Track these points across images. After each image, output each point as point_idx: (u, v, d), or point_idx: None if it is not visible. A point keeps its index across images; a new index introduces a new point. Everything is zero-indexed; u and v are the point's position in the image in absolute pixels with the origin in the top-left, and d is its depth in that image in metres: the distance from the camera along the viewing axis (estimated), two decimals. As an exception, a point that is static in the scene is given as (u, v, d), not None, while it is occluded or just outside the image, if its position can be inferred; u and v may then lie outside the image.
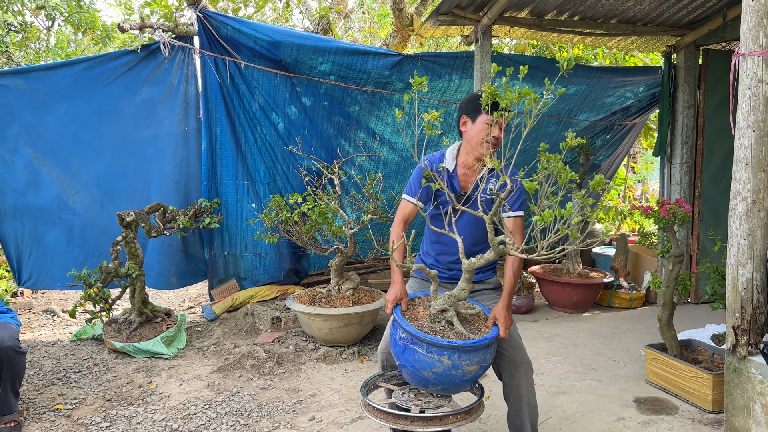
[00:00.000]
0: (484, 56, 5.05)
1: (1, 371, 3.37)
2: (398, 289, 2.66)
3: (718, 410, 3.42)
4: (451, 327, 2.46)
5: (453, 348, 2.31)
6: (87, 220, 5.40)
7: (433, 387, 2.44)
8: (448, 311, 2.47)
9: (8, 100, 5.05)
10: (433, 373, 2.34)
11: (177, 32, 5.20)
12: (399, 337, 2.45)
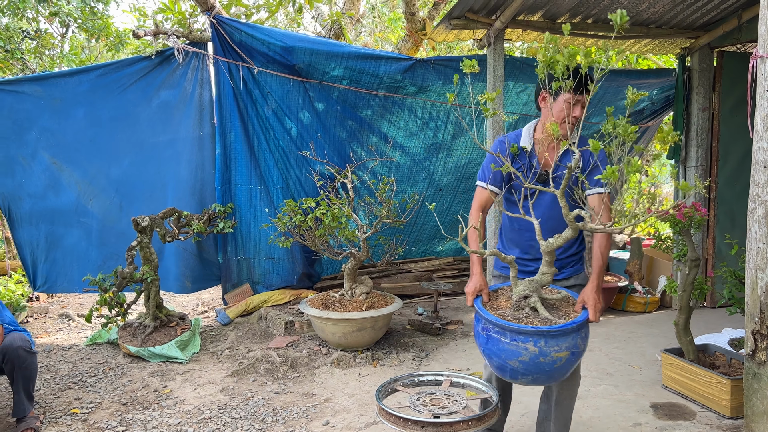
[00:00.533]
0: (496, 60, 5.04)
1: (13, 373, 3.41)
2: (477, 280, 2.51)
3: (737, 416, 3.38)
4: (536, 313, 2.35)
5: (538, 334, 2.20)
6: (106, 223, 5.47)
7: (522, 378, 2.34)
8: (531, 297, 2.36)
9: (26, 107, 5.12)
10: (520, 363, 2.25)
11: (191, 38, 5.23)
12: (482, 328, 2.38)
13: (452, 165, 6.28)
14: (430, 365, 4.48)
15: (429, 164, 6.19)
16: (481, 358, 4.54)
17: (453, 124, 5.98)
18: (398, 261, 6.70)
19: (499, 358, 2.31)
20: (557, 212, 2.48)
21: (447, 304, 6.31)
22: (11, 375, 3.42)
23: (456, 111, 5.87)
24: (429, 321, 5.28)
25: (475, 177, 6.46)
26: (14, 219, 5.42)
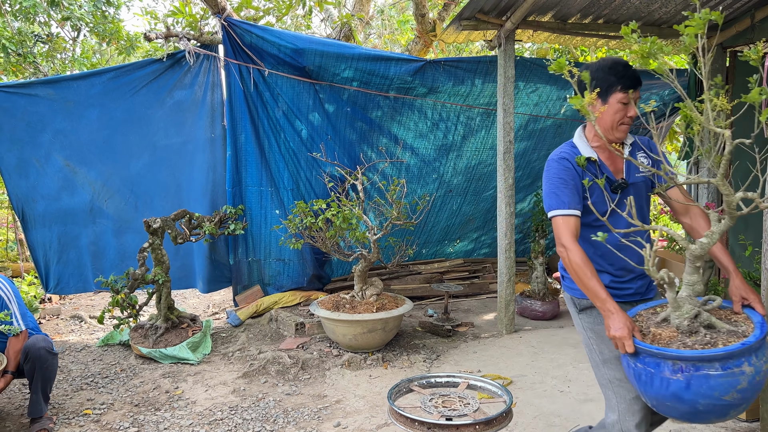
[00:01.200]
0: (507, 61, 5.02)
1: (33, 373, 3.43)
2: (624, 318, 2.05)
3: (753, 419, 3.34)
4: (714, 331, 1.99)
5: (750, 349, 1.85)
6: (122, 223, 5.54)
7: (734, 411, 1.93)
8: (701, 314, 2.00)
9: (39, 109, 5.17)
10: (738, 392, 1.85)
11: (202, 41, 5.26)
12: (671, 371, 1.90)
13: (463, 166, 6.27)
14: (440, 367, 4.47)
15: (439, 165, 6.18)
16: (493, 359, 4.52)
17: (463, 125, 5.97)
18: (408, 263, 6.69)
19: (710, 398, 1.86)
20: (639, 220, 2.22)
21: (457, 305, 6.30)
22: (31, 375, 3.45)
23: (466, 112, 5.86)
24: (439, 323, 5.27)
25: (485, 178, 6.49)
26: (28, 221, 5.47)
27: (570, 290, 2.41)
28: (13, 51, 7.97)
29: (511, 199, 5.12)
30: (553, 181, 2.29)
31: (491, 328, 5.40)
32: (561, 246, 2.22)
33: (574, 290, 2.37)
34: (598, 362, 2.33)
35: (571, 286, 2.38)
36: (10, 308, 3.47)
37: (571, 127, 6.39)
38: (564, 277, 2.48)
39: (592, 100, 2.09)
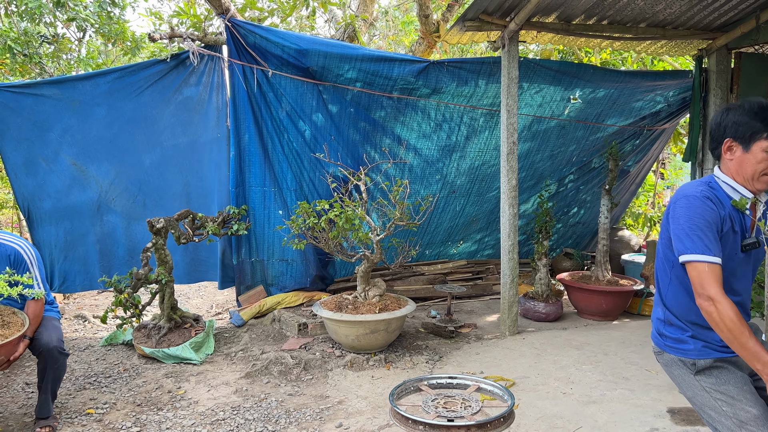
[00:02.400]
0: (511, 62, 5.02)
1: (45, 373, 3.44)
2: None
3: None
4: None
5: None
6: (131, 220, 5.59)
7: None
8: None
9: (45, 109, 5.20)
10: None
11: (206, 41, 5.27)
12: None
13: (466, 167, 6.26)
14: (443, 368, 4.46)
15: (442, 166, 6.18)
16: (496, 360, 4.51)
17: (467, 125, 5.96)
18: (411, 264, 6.68)
19: None
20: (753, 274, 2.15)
21: (460, 307, 6.29)
22: (42, 374, 3.46)
23: (469, 113, 5.85)
24: (442, 324, 5.26)
25: (489, 179, 6.48)
26: (33, 219, 5.49)
27: (679, 351, 2.16)
28: (19, 51, 8.00)
29: (514, 201, 5.12)
30: (697, 221, 2.01)
31: (494, 330, 5.39)
32: (707, 299, 1.95)
33: (687, 351, 2.14)
34: (732, 426, 2.05)
35: (681, 347, 2.16)
36: (32, 272, 3.47)
37: (575, 129, 6.38)
38: (664, 340, 2.22)
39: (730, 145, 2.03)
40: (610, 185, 5.94)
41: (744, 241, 2.05)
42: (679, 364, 2.17)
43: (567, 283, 5.90)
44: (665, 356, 2.23)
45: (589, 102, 6.11)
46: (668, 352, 2.20)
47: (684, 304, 2.13)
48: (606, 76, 5.89)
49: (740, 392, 2.05)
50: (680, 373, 2.19)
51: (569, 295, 6.02)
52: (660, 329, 2.24)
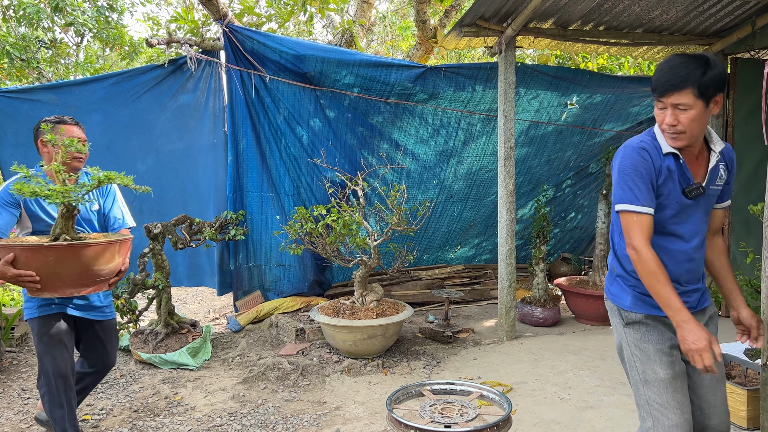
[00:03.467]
0: (508, 67, 5.03)
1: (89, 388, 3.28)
2: (702, 329, 1.95)
3: (753, 427, 3.33)
4: None
5: None
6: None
7: None
8: None
9: (42, 114, 5.17)
10: None
11: (203, 47, 5.28)
12: None
13: (463, 172, 6.27)
14: (441, 374, 4.45)
15: (440, 171, 6.19)
16: (494, 366, 4.51)
17: (464, 131, 5.97)
18: (409, 268, 6.68)
19: None
20: (703, 229, 2.20)
21: (458, 312, 6.29)
22: (87, 389, 3.26)
23: (467, 118, 5.87)
24: (440, 329, 5.26)
25: (486, 184, 6.49)
26: (30, 225, 5.48)
27: (617, 300, 2.26)
28: (17, 56, 8.01)
29: (511, 205, 5.12)
30: (628, 172, 2.08)
31: (492, 335, 5.39)
32: (631, 248, 2.06)
33: (623, 300, 2.23)
34: (638, 382, 2.21)
35: (619, 295, 2.25)
36: (122, 208, 3.45)
37: (572, 134, 6.39)
38: (611, 287, 2.32)
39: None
40: (607, 190, 5.95)
41: (687, 188, 2.10)
42: (616, 313, 2.28)
43: (564, 288, 5.90)
44: (608, 304, 2.34)
45: (586, 107, 6.12)
46: (610, 300, 2.31)
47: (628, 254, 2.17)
48: (603, 81, 5.91)
49: (657, 353, 2.14)
50: (615, 323, 2.31)
51: (567, 300, 6.03)
52: (609, 279, 2.35)
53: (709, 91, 2.01)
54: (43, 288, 2.48)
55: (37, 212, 2.91)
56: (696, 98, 2.00)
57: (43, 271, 2.43)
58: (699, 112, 2.02)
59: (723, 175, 2.17)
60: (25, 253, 2.41)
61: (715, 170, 2.16)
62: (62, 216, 2.57)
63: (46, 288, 2.48)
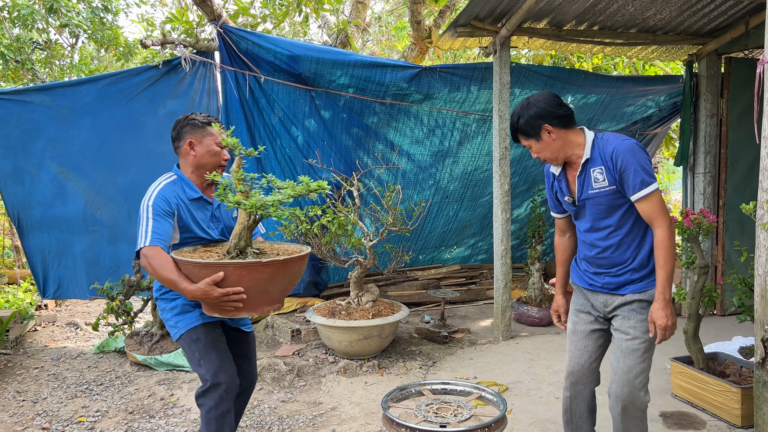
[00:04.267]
0: (502, 67, 5.04)
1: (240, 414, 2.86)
2: (557, 302, 2.85)
3: (748, 425, 3.34)
4: None
5: None
6: (116, 231, 5.50)
7: None
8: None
9: (34, 116, 5.16)
10: None
11: (198, 47, 5.26)
12: None
13: (459, 172, 6.28)
14: (437, 374, 4.45)
15: (435, 171, 6.19)
16: (489, 365, 4.51)
17: (459, 131, 5.98)
18: (405, 269, 6.68)
19: None
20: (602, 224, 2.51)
21: (454, 312, 6.29)
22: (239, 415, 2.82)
23: (462, 118, 5.87)
24: (436, 329, 5.26)
25: (481, 184, 6.51)
26: (24, 227, 5.45)
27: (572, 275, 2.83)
28: (11, 58, 7.98)
29: (507, 205, 5.13)
30: (546, 188, 2.77)
31: (488, 335, 5.40)
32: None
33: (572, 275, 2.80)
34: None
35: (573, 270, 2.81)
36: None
37: (567, 134, 6.40)
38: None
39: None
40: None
41: (565, 198, 2.61)
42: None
43: (560, 287, 5.90)
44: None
45: (581, 107, 6.13)
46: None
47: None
48: (597, 81, 5.92)
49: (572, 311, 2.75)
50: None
51: (562, 300, 6.03)
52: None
53: (531, 131, 2.47)
54: (244, 307, 2.27)
55: (189, 222, 2.60)
56: (526, 139, 2.52)
57: (254, 289, 2.23)
58: (539, 144, 2.49)
59: (599, 177, 2.43)
60: (239, 272, 2.20)
61: (583, 178, 2.48)
62: (246, 227, 2.33)
63: (248, 307, 2.28)
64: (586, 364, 2.68)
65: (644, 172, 2.34)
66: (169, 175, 2.67)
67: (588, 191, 2.47)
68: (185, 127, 2.67)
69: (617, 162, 2.37)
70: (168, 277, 2.30)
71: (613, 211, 2.46)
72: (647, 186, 2.34)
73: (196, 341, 2.55)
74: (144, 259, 2.37)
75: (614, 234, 2.48)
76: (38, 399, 4.13)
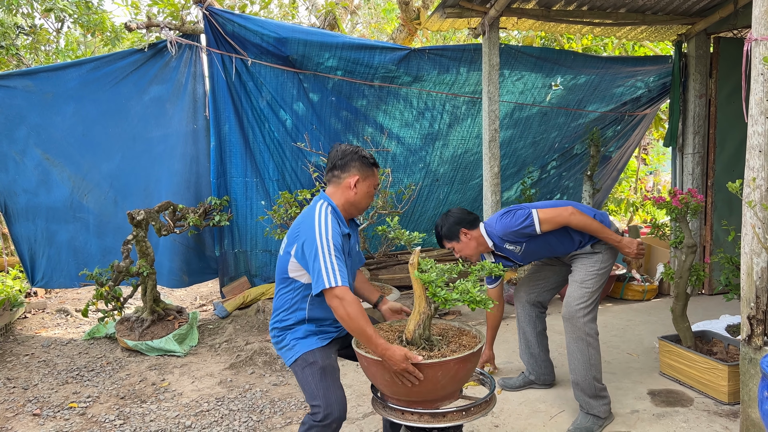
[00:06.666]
0: (491, 48, 5.01)
1: None
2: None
3: (734, 401, 3.38)
4: None
5: None
6: (102, 217, 5.45)
7: None
8: None
9: (17, 102, 5.09)
10: None
11: (184, 30, 5.20)
12: None
13: (449, 155, 6.26)
14: (427, 355, 4.47)
15: (425, 154, 6.17)
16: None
17: (449, 113, 5.95)
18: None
19: None
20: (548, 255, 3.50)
21: (445, 294, 6.30)
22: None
23: (451, 100, 5.85)
24: (427, 311, 5.26)
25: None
26: (11, 214, 5.40)
27: None
28: (-5, 43, 7.86)
29: (497, 188, 5.13)
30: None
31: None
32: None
33: None
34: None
35: None
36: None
37: (556, 115, 6.39)
38: None
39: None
40: (591, 171, 5.98)
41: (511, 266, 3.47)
42: None
43: (550, 269, 5.93)
44: None
45: (571, 88, 6.12)
46: None
47: None
48: (587, 62, 5.90)
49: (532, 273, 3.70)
50: None
51: (552, 281, 6.06)
52: None
53: (451, 235, 3.26)
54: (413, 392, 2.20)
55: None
56: (450, 242, 3.28)
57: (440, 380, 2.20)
58: (461, 245, 3.28)
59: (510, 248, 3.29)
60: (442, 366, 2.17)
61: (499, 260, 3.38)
62: (429, 316, 2.29)
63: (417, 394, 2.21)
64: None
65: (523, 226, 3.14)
66: (325, 204, 2.45)
67: (517, 260, 3.36)
68: (355, 161, 2.54)
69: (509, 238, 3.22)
70: (363, 328, 2.19)
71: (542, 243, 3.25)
72: (532, 221, 3.13)
73: (312, 365, 2.42)
74: (336, 300, 2.23)
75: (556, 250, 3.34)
76: (29, 385, 4.12)
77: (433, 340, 2.33)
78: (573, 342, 3.22)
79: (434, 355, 2.23)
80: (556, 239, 3.23)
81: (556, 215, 3.10)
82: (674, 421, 3.25)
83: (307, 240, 2.32)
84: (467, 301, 2.17)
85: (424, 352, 2.24)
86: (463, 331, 2.53)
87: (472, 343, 2.38)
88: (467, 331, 2.53)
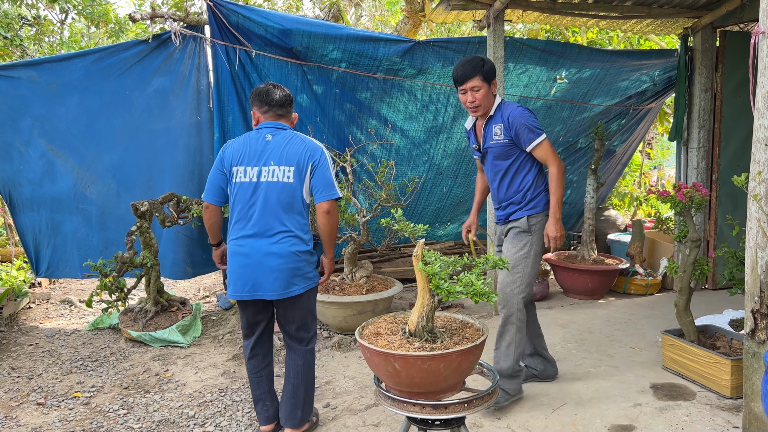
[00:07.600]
0: (496, 41, 4.99)
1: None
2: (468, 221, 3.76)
3: (737, 396, 3.38)
4: None
5: None
6: (105, 209, 5.44)
7: None
8: None
9: (21, 92, 5.08)
10: None
11: (188, 21, 5.19)
12: None
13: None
14: (430, 348, 4.48)
15: (429, 147, 6.16)
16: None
17: (453, 106, 5.93)
18: (399, 245, 6.69)
19: None
20: (497, 168, 3.42)
21: (448, 287, 6.30)
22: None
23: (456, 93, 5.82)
24: (430, 304, 5.27)
25: (475, 161, 6.46)
26: (15, 205, 5.41)
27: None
28: (0, 34, 7.86)
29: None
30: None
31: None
32: None
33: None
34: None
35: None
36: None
37: (561, 109, 6.37)
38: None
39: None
40: (596, 165, 5.96)
41: (473, 146, 3.51)
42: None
43: (553, 262, 5.93)
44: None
45: (575, 82, 6.10)
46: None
47: None
48: (592, 55, 5.87)
49: (496, 248, 3.68)
50: None
51: (555, 275, 6.06)
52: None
53: (489, 76, 3.22)
54: (416, 384, 2.24)
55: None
56: (482, 81, 3.20)
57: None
58: (486, 90, 3.23)
59: (498, 131, 3.29)
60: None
61: (487, 131, 3.36)
62: (433, 309, 2.35)
63: (420, 386, 2.24)
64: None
65: (530, 130, 3.21)
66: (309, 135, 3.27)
67: (489, 141, 3.35)
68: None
69: (511, 124, 3.24)
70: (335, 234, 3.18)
71: (505, 158, 3.34)
72: (536, 138, 3.22)
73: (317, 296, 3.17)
74: (333, 209, 3.08)
75: (504, 176, 3.38)
76: (33, 375, 4.14)
77: (436, 332, 2.34)
78: (503, 325, 3.42)
79: (437, 347, 2.24)
80: (518, 168, 3.35)
81: (553, 155, 3.27)
82: (677, 415, 3.26)
83: (322, 158, 3.06)
84: (471, 294, 2.18)
85: (427, 344, 2.25)
86: (467, 324, 2.53)
87: (475, 335, 2.38)
88: (470, 324, 2.53)
